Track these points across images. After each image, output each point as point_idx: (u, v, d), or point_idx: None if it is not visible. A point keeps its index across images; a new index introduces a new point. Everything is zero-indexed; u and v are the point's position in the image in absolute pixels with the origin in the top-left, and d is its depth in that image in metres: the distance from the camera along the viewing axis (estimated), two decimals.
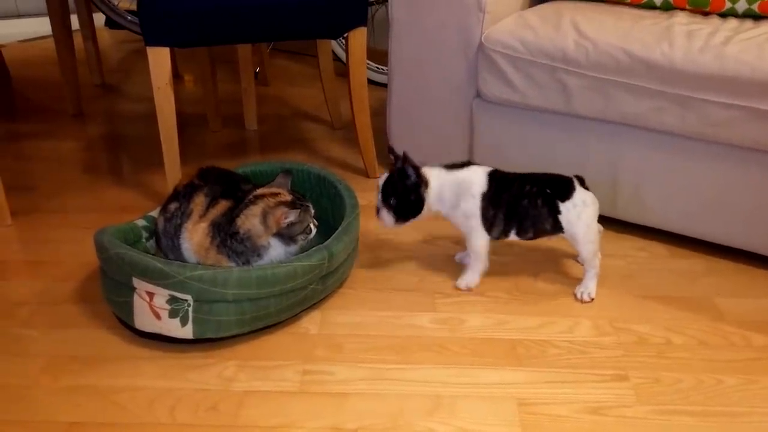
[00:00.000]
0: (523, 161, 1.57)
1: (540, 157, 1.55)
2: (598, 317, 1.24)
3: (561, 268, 1.40)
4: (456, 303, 1.29)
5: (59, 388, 1.07)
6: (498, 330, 1.21)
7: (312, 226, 1.23)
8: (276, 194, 1.22)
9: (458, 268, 1.39)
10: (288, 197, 1.22)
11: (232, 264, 1.19)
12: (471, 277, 1.33)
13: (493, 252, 1.45)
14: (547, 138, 1.52)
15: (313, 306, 1.26)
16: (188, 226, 1.22)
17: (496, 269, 1.39)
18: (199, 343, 1.15)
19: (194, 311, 1.11)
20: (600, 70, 1.37)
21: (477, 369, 1.12)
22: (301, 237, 1.21)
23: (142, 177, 1.79)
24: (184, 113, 2.21)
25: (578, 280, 1.34)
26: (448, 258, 1.44)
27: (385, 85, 2.11)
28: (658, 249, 1.47)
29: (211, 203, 1.22)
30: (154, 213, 1.34)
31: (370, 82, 2.02)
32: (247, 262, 1.19)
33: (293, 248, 1.21)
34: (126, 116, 2.23)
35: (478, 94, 1.58)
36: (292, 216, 1.18)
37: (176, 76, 2.57)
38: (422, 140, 1.71)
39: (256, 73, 2.44)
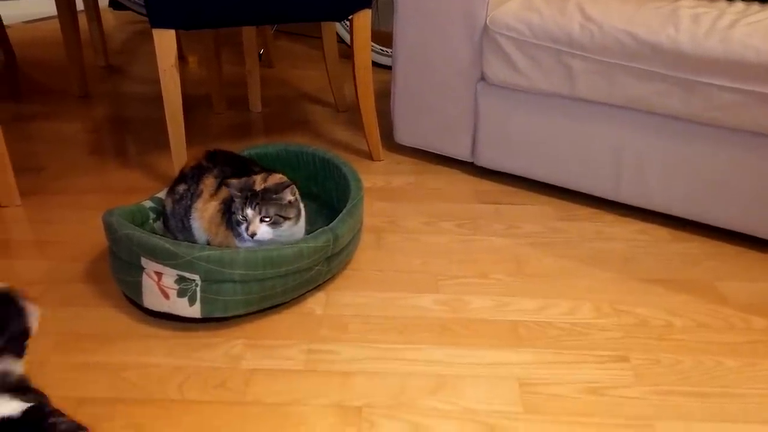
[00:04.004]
0: (527, 145, 1.58)
1: (544, 140, 1.55)
2: (599, 299, 1.26)
3: (563, 251, 1.41)
4: (458, 284, 1.30)
5: (70, 365, 1.09)
6: (500, 311, 1.23)
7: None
8: (266, 178, 1.20)
9: (462, 250, 1.41)
10: (264, 184, 1.18)
11: (237, 241, 1.21)
12: None
13: (495, 233, 1.46)
14: (551, 121, 1.53)
15: (318, 287, 1.28)
16: (198, 205, 1.23)
17: (498, 251, 1.40)
18: (207, 322, 1.17)
19: (202, 291, 1.13)
20: (605, 54, 1.37)
21: (479, 349, 1.14)
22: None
23: (147, 158, 1.80)
24: (189, 95, 2.22)
25: (580, 262, 1.35)
26: (450, 240, 1.45)
27: (389, 68, 2.11)
28: (660, 232, 1.48)
29: (222, 183, 1.23)
30: (161, 194, 1.35)
31: (375, 64, 2.02)
32: (240, 236, 1.20)
33: (278, 231, 1.19)
34: (131, 98, 2.24)
35: (483, 77, 1.58)
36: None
37: (181, 57, 2.57)
38: (426, 122, 1.72)
39: (260, 55, 2.44)
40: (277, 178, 1.22)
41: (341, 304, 1.24)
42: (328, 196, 1.50)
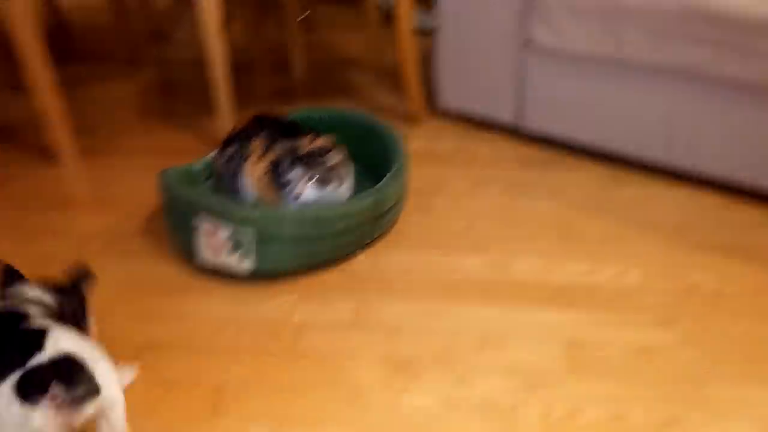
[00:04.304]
0: (574, 110, 1.56)
1: (591, 105, 1.52)
2: (649, 264, 1.25)
3: (611, 216, 1.39)
4: (504, 247, 1.30)
5: (131, 313, 1.15)
6: (546, 273, 1.23)
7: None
8: (312, 141, 1.22)
9: (507, 214, 1.40)
10: (310, 146, 1.21)
11: (285, 201, 1.24)
12: None
13: (541, 197, 1.45)
14: (599, 86, 1.50)
15: (365, 247, 1.30)
16: (247, 166, 1.26)
17: (545, 215, 1.40)
18: (258, 277, 1.20)
19: (253, 248, 1.16)
20: (655, 18, 1.33)
21: (524, 310, 1.15)
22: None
23: (195, 121, 1.83)
24: (232, 59, 2.23)
25: (629, 228, 1.34)
26: (496, 204, 1.45)
27: (430, 33, 2.08)
28: (712, 199, 1.44)
29: (270, 145, 1.26)
30: (211, 156, 1.39)
31: (418, 28, 2.00)
32: (287, 196, 1.22)
33: (324, 192, 1.22)
34: (176, 61, 2.27)
35: (529, 42, 1.55)
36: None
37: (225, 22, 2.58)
38: (471, 87, 1.70)
39: (302, 20, 2.43)
40: (323, 140, 1.23)
41: (388, 264, 1.26)
42: (372, 160, 1.51)
